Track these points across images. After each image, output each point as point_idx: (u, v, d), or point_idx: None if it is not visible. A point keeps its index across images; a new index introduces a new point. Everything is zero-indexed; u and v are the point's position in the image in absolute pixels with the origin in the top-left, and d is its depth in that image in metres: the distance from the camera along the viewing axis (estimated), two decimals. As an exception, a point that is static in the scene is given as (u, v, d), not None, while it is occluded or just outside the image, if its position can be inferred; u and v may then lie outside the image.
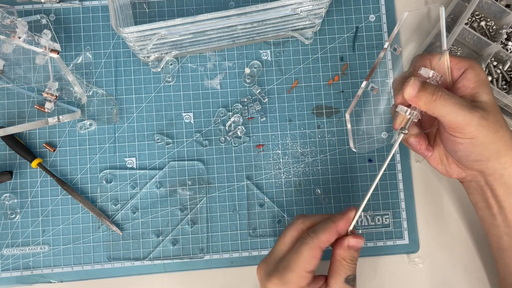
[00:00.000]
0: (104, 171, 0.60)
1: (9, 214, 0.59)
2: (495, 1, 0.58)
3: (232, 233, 0.59)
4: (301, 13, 0.53)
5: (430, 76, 0.46)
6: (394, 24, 0.63)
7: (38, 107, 0.58)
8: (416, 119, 0.47)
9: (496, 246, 0.51)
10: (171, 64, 0.61)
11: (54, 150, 0.60)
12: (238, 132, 0.60)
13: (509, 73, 0.59)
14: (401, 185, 0.60)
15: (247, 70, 0.61)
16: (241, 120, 0.60)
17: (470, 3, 0.58)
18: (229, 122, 0.61)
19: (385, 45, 0.48)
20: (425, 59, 0.48)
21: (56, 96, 0.57)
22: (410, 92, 0.45)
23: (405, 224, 0.60)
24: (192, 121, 0.61)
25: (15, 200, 0.59)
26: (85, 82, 0.61)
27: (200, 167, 0.60)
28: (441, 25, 0.47)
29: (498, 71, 0.59)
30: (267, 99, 0.61)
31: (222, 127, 0.61)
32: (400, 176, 0.61)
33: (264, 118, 0.61)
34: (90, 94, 0.61)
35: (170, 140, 0.60)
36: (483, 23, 0.60)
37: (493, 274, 0.59)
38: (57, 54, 0.56)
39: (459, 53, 0.61)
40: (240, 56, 0.62)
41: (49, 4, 0.62)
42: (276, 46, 0.62)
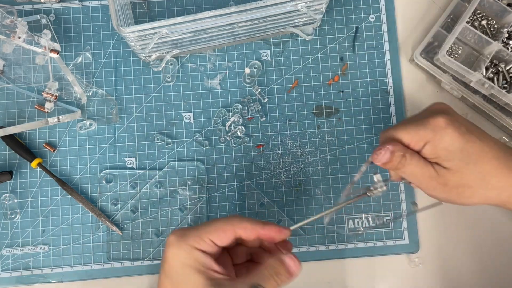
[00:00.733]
0: (104, 171, 0.60)
1: (9, 214, 0.59)
2: (497, 0, 0.58)
3: (232, 233, 0.59)
4: (302, 9, 0.53)
5: (376, 181, 0.48)
6: (394, 24, 0.63)
7: (38, 107, 0.58)
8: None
9: None
10: (171, 64, 0.61)
11: (54, 150, 0.60)
12: (238, 132, 0.60)
13: (510, 72, 0.59)
14: (402, 186, 0.60)
15: (247, 70, 0.61)
16: (241, 120, 0.60)
17: (472, 2, 0.57)
18: (229, 122, 0.61)
19: (368, 159, 0.49)
20: (389, 135, 0.48)
21: (56, 96, 0.57)
22: (379, 163, 0.47)
23: (405, 224, 0.60)
24: (192, 121, 0.61)
25: (15, 200, 0.59)
26: (85, 82, 0.61)
27: (200, 167, 0.60)
28: None
29: (500, 70, 0.58)
30: (267, 99, 0.61)
31: (222, 127, 0.61)
32: (401, 176, 0.60)
33: (264, 118, 0.61)
34: (90, 94, 0.61)
35: (170, 140, 0.60)
36: (484, 22, 0.60)
37: (493, 274, 0.59)
38: (57, 54, 0.56)
39: (460, 52, 0.61)
40: (240, 56, 0.62)
41: (49, 4, 0.62)
42: (276, 46, 0.62)
